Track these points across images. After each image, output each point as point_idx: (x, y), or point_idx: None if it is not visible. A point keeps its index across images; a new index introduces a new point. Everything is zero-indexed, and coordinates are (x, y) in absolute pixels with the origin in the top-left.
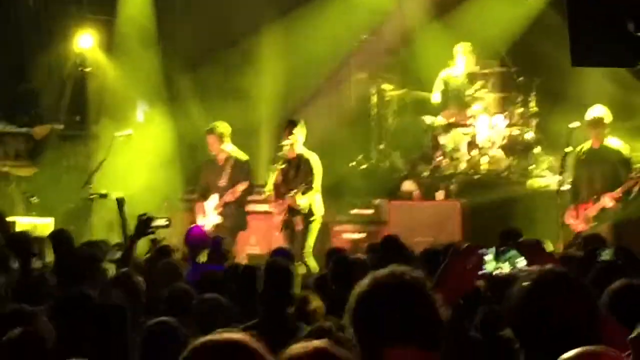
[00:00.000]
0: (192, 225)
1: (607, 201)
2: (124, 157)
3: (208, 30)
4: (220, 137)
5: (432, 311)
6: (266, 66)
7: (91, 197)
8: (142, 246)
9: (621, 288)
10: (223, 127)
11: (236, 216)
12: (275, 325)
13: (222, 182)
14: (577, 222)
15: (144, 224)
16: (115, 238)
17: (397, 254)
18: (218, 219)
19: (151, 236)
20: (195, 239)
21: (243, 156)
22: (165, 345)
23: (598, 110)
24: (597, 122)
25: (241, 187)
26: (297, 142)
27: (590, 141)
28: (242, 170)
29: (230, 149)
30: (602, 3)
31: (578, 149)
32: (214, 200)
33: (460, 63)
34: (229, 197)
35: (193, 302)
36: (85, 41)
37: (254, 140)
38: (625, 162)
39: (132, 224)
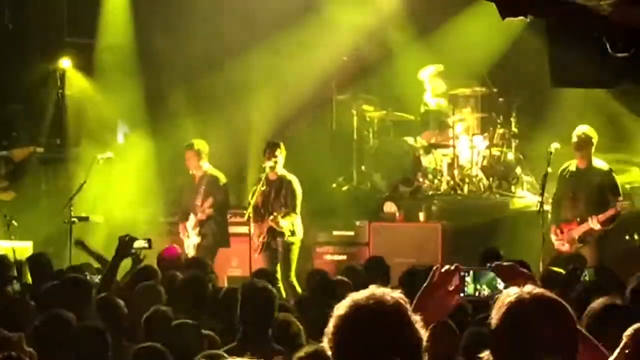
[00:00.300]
0: (166, 247)
1: (594, 223)
2: (104, 179)
3: (189, 52)
4: (198, 154)
5: (413, 333)
6: (248, 88)
7: (71, 220)
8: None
9: (601, 308)
10: (201, 144)
11: (215, 234)
12: (255, 347)
13: (198, 200)
14: (562, 241)
15: (126, 246)
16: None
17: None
18: (198, 239)
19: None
20: (165, 261)
21: (220, 175)
22: None
23: (584, 130)
24: (584, 142)
25: (207, 203)
26: (278, 164)
27: (575, 161)
28: (216, 188)
29: (207, 167)
30: (581, 25)
31: (563, 167)
32: (192, 220)
33: (430, 86)
34: (200, 215)
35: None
36: (65, 64)
37: (238, 162)
38: (612, 184)
39: (110, 247)
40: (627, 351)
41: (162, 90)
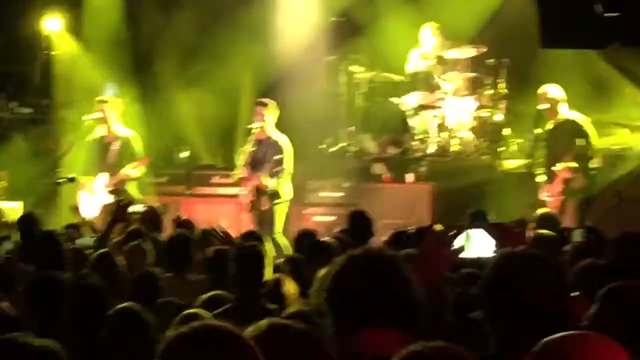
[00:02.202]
0: None
1: (564, 173)
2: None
3: (178, 13)
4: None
5: (410, 291)
6: (236, 51)
7: (59, 181)
8: None
9: (586, 268)
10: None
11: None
12: (248, 307)
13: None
14: (551, 199)
15: (123, 209)
16: None
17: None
18: (109, 198)
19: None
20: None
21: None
22: (127, 331)
23: (547, 89)
24: (547, 100)
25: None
26: (268, 123)
27: (550, 120)
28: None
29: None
30: None
31: (540, 130)
32: (102, 178)
33: (426, 44)
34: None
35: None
36: (52, 24)
37: (227, 125)
38: (579, 130)
39: None
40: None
41: (151, 53)
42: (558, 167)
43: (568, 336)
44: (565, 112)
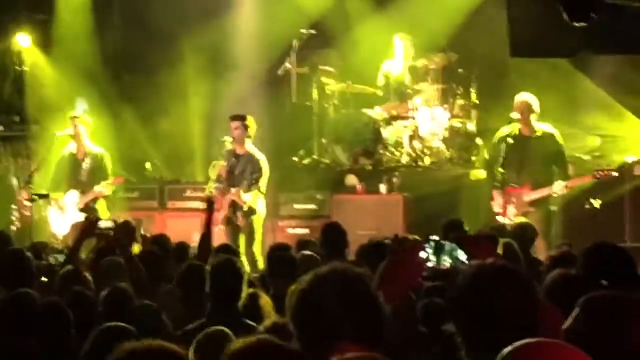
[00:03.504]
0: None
1: (559, 188)
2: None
3: (146, 28)
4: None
5: (375, 306)
6: (207, 63)
7: (32, 197)
8: None
9: (555, 279)
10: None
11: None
12: (225, 322)
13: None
14: (505, 208)
15: (91, 226)
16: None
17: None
18: (80, 216)
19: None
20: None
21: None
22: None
23: (523, 97)
24: (523, 109)
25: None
26: (244, 137)
27: (519, 126)
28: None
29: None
30: None
31: (505, 132)
32: (72, 195)
33: (399, 55)
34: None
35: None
36: (22, 40)
37: (190, 137)
38: (558, 148)
39: None
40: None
41: (120, 67)
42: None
43: (534, 343)
44: (537, 123)
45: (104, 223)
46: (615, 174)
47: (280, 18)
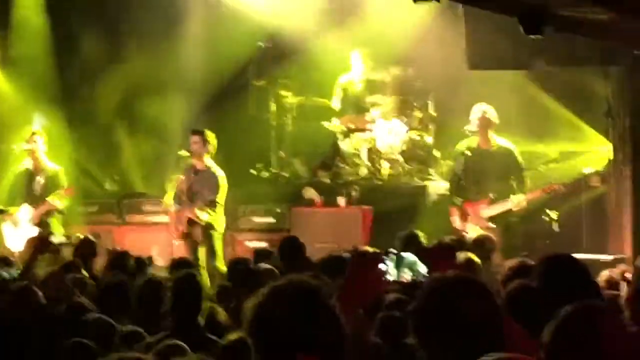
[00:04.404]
0: None
1: (517, 203)
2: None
3: (105, 42)
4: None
5: (334, 319)
6: (164, 77)
7: None
8: None
9: (515, 290)
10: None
11: None
12: (187, 337)
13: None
14: (463, 222)
15: (44, 241)
16: None
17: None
18: (34, 231)
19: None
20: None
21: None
22: None
23: (483, 110)
24: (484, 122)
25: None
26: (204, 151)
27: (477, 139)
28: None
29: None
30: (495, 7)
31: (463, 146)
32: (26, 210)
33: (356, 68)
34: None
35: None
36: None
37: (156, 152)
38: (516, 162)
39: None
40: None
41: (79, 80)
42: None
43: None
44: (496, 136)
45: (57, 238)
46: (563, 188)
47: (238, 30)
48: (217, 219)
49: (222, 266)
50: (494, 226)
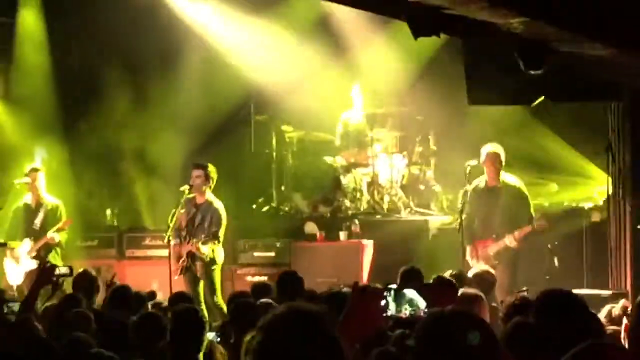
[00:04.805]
0: None
1: (510, 241)
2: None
3: (108, 70)
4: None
5: (335, 347)
6: (166, 110)
7: None
8: None
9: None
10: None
11: None
12: None
13: (37, 226)
14: (475, 260)
15: (47, 273)
16: None
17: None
18: (34, 264)
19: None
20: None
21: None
22: None
23: (492, 148)
24: (492, 160)
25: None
26: (205, 185)
27: (485, 178)
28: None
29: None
30: (495, 43)
31: (473, 185)
32: (26, 245)
33: (357, 103)
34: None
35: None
36: None
37: (148, 186)
38: (523, 199)
39: None
40: None
41: (77, 113)
42: (510, 239)
43: None
44: (504, 174)
45: (60, 270)
46: (545, 224)
47: (239, 66)
48: (217, 252)
49: (220, 300)
50: (498, 262)
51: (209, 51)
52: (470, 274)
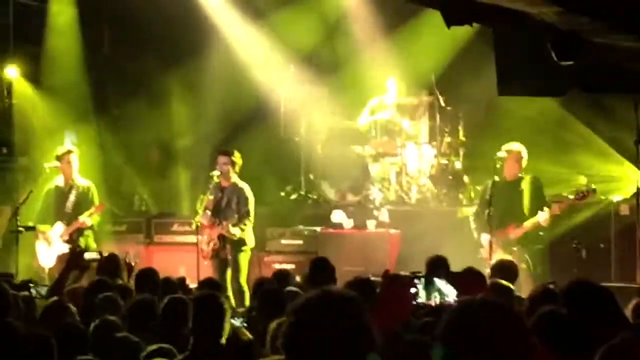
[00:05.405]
0: None
1: (543, 219)
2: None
3: (138, 60)
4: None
5: (366, 330)
6: (197, 96)
7: (18, 229)
8: None
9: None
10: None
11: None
12: (207, 357)
13: (68, 209)
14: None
15: (77, 257)
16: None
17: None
18: (65, 248)
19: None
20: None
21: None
22: None
23: (515, 146)
24: (514, 157)
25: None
26: (231, 171)
27: (504, 173)
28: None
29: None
30: (527, 33)
31: (491, 181)
32: (58, 228)
33: (388, 93)
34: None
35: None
36: (11, 72)
37: (177, 171)
38: (538, 192)
39: None
40: None
41: (109, 99)
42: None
43: None
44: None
45: (89, 254)
46: (593, 191)
47: (270, 53)
48: (247, 234)
49: (244, 284)
50: (517, 249)
51: (239, 40)
52: (492, 262)
